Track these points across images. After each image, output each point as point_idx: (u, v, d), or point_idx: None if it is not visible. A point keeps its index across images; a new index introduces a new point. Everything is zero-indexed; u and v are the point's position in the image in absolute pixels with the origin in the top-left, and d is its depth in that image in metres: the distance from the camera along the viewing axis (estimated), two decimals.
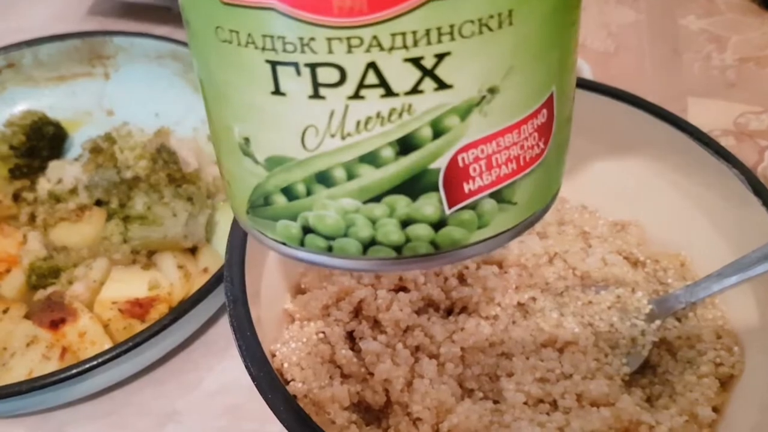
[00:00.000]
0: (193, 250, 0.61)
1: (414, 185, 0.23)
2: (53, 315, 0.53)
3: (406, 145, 0.22)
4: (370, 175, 0.23)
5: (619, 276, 0.52)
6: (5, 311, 0.55)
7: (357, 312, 0.50)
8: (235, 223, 0.46)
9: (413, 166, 0.22)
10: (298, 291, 0.52)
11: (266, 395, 0.38)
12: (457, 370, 0.47)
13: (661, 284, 0.52)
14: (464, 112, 0.22)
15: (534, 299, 0.52)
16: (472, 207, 0.24)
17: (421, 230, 0.24)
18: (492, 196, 0.24)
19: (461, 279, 0.52)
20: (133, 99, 0.76)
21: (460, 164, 0.23)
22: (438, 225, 0.24)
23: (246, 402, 0.54)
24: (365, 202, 0.23)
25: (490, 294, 0.50)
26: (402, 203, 0.23)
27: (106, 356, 0.48)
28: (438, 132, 0.22)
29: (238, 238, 0.45)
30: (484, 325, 0.49)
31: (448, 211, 0.24)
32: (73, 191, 0.63)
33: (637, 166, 0.56)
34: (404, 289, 0.51)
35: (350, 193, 0.23)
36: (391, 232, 0.24)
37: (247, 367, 0.39)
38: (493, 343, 0.49)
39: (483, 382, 0.48)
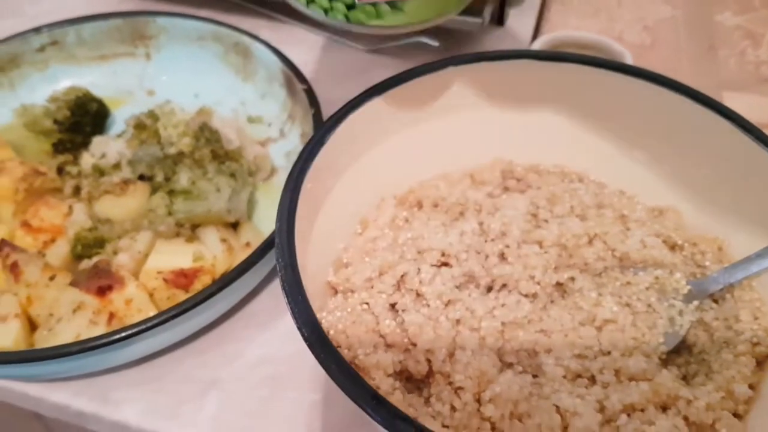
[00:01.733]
0: (234, 226, 0.63)
1: None
2: (100, 282, 0.55)
3: None
4: None
5: (657, 258, 0.53)
6: (52, 278, 0.57)
7: (399, 285, 0.51)
8: (284, 193, 0.48)
9: None
10: (341, 266, 0.54)
11: (319, 355, 0.40)
12: (497, 344, 0.49)
13: (699, 267, 0.54)
14: None
15: (573, 279, 0.53)
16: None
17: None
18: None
19: (502, 257, 0.54)
20: (174, 80, 0.78)
21: None
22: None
23: (288, 372, 0.56)
24: None
25: (530, 272, 0.52)
26: None
27: (154, 321, 0.51)
28: None
29: (286, 208, 0.47)
30: (524, 302, 0.50)
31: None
32: (117, 166, 0.66)
33: (675, 152, 0.57)
34: (446, 265, 0.52)
35: None
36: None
37: (299, 329, 0.41)
38: (532, 320, 0.51)
39: (522, 357, 0.50)
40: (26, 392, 0.56)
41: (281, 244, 0.45)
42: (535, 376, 0.49)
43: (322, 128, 0.52)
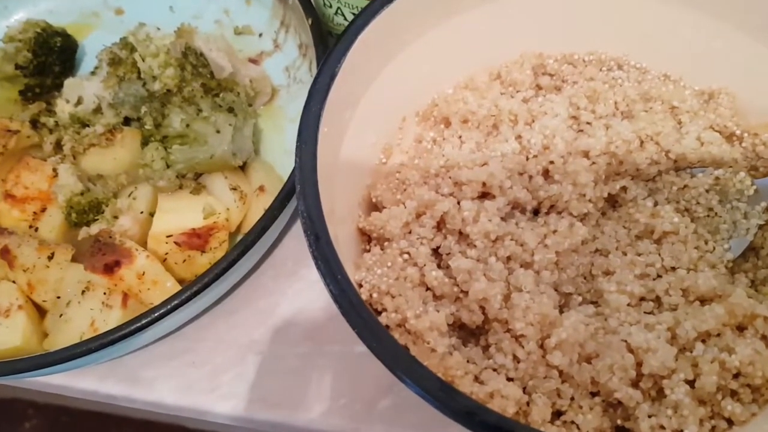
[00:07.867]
0: (242, 165, 0.59)
1: None
2: (106, 258, 0.52)
3: None
4: None
5: (716, 155, 0.50)
6: (50, 257, 0.54)
7: (440, 226, 0.48)
8: (301, 148, 0.43)
9: None
10: (370, 206, 0.51)
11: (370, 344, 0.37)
12: (553, 276, 0.47)
13: (761, 159, 0.51)
14: None
15: (625, 188, 0.50)
16: None
17: None
18: None
19: (546, 175, 0.50)
20: None
21: None
22: None
23: (326, 324, 0.54)
24: None
25: (580, 190, 0.49)
26: None
27: (177, 300, 0.48)
28: None
29: (308, 166, 0.43)
30: (578, 226, 0.48)
31: None
32: (97, 111, 0.61)
33: (725, 25, 0.52)
34: (487, 196, 0.49)
35: None
36: None
37: (349, 321, 0.38)
38: (586, 240, 0.49)
39: (579, 284, 0.48)
40: (49, 382, 0.54)
41: (307, 214, 0.41)
42: (596, 305, 0.47)
43: (331, 57, 0.47)
